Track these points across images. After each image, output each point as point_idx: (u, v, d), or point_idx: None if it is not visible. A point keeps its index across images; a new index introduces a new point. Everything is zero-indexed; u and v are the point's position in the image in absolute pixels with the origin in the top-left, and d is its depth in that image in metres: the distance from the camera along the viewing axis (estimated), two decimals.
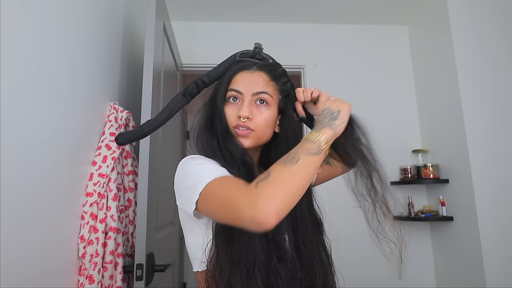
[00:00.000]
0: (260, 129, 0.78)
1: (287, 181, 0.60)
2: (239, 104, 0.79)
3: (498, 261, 1.78)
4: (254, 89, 0.78)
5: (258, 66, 0.82)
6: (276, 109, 0.82)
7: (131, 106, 1.52)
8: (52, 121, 0.92)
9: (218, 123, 0.79)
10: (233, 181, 0.67)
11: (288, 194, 0.58)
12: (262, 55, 0.88)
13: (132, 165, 1.37)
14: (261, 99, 0.79)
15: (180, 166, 0.75)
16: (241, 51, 0.88)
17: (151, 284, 1.22)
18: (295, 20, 2.45)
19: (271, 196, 0.57)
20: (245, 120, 0.76)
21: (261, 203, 0.56)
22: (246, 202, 0.57)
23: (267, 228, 0.56)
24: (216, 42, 2.41)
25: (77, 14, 1.09)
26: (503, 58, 2.01)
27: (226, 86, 0.81)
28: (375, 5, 2.30)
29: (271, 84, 0.81)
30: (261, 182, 0.59)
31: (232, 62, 0.86)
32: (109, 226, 1.13)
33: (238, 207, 0.59)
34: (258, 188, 0.58)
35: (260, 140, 0.80)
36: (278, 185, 0.58)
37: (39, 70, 0.86)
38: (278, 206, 0.56)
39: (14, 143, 0.75)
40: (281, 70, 0.85)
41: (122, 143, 0.87)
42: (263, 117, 0.78)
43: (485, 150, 1.90)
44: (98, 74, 1.25)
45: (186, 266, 3.42)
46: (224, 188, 0.65)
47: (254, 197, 0.57)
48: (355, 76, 2.45)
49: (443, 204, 2.08)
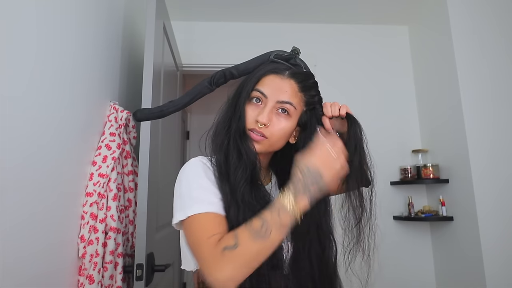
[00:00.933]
0: (274, 138, 0.75)
1: (253, 258, 0.61)
2: (260, 108, 0.75)
3: (498, 261, 1.78)
4: (280, 96, 0.75)
5: (291, 73, 0.78)
6: (296, 121, 0.78)
7: (131, 106, 1.52)
8: (52, 121, 0.92)
9: (235, 121, 0.76)
10: (209, 228, 0.65)
11: (250, 269, 0.61)
12: (297, 61, 0.83)
13: (132, 165, 1.37)
14: (284, 109, 0.75)
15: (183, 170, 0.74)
16: (276, 51, 0.84)
17: (151, 284, 1.21)
18: (295, 20, 2.45)
19: (233, 272, 0.59)
20: (262, 126, 0.74)
21: (222, 277, 0.59)
22: (209, 268, 0.60)
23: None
24: (216, 42, 2.41)
25: (77, 14, 1.09)
26: (503, 58, 2.01)
27: (253, 85, 0.77)
28: (375, 5, 2.29)
29: (299, 96, 0.77)
30: (228, 251, 0.60)
31: (265, 60, 0.83)
32: (109, 226, 1.13)
33: (203, 266, 0.62)
34: (224, 258, 0.59)
35: (271, 148, 0.78)
36: (244, 261, 0.60)
37: (39, 71, 0.86)
38: (237, 280, 0.60)
39: (14, 144, 0.75)
40: (312, 82, 0.82)
41: (139, 119, 0.86)
42: (281, 127, 0.75)
43: (485, 150, 1.90)
44: (98, 74, 1.25)
45: None
46: (198, 233, 0.65)
47: (216, 267, 0.59)
48: (355, 76, 2.45)
49: (443, 204, 2.08)
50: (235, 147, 0.74)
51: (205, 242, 0.63)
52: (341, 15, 2.42)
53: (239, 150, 0.74)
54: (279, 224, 0.61)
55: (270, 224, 0.61)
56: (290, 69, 0.79)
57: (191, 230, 0.67)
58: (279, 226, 0.61)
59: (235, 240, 0.61)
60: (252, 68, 0.82)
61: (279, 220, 0.61)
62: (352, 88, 2.40)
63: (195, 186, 0.71)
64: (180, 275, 3.16)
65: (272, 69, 0.79)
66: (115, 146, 1.22)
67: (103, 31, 1.31)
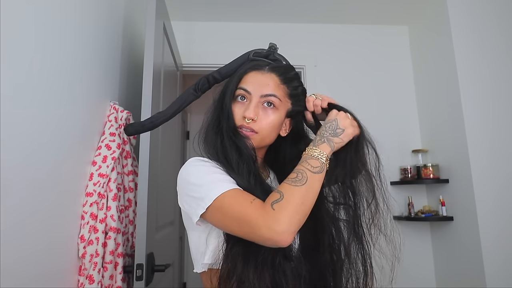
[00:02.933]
0: (264, 132, 0.77)
1: (301, 203, 0.63)
2: (246, 104, 0.78)
3: (498, 261, 1.78)
4: (263, 90, 0.77)
5: (271, 67, 0.81)
6: (284, 113, 0.80)
7: (131, 106, 1.51)
8: (52, 122, 0.92)
9: (225, 121, 0.78)
10: (245, 197, 0.66)
11: (302, 214, 0.63)
12: (276, 56, 0.86)
13: (132, 165, 1.37)
14: (269, 102, 0.78)
15: (185, 170, 0.74)
16: (255, 50, 0.86)
17: (151, 284, 1.21)
18: (295, 20, 2.44)
19: (289, 219, 0.60)
20: (249, 121, 0.76)
21: (280, 227, 0.60)
22: (264, 224, 0.60)
23: (285, 246, 0.62)
24: (216, 42, 2.41)
25: (77, 14, 1.09)
26: (503, 58, 2.01)
27: (235, 84, 0.80)
28: (375, 5, 2.29)
29: (281, 88, 0.79)
30: (276, 204, 0.62)
31: (245, 60, 0.85)
32: (109, 226, 1.13)
33: (255, 227, 0.61)
34: (276, 211, 0.61)
35: (262, 142, 0.79)
36: (294, 207, 0.62)
37: (39, 71, 0.86)
38: (295, 227, 0.61)
39: (14, 144, 0.75)
40: (294, 74, 0.84)
41: (131, 133, 0.88)
42: (269, 120, 0.77)
43: (485, 150, 1.90)
44: (98, 74, 1.25)
45: (186, 266, 3.43)
46: (237, 204, 0.65)
47: (272, 220, 0.60)
48: (355, 76, 2.45)
49: (443, 204, 2.08)
50: (233, 145, 0.75)
51: (249, 206, 0.64)
52: (341, 15, 2.42)
53: (237, 147, 0.75)
54: (311, 168, 0.67)
55: (303, 170, 0.67)
56: (269, 64, 0.82)
57: (226, 208, 0.65)
58: (311, 172, 0.67)
59: (279, 193, 0.64)
60: (234, 69, 0.85)
61: (310, 166, 0.68)
62: (352, 88, 2.40)
63: (208, 173, 0.71)
64: (180, 275, 3.16)
65: (252, 66, 0.81)
66: (115, 146, 1.22)
67: (103, 31, 1.31)
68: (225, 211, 0.65)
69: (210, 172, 0.71)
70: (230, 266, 0.68)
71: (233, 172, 0.73)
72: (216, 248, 0.71)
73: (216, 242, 0.71)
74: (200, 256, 0.74)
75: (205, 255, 0.72)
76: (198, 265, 0.75)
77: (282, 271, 0.69)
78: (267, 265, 0.67)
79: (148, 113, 1.23)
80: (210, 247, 0.72)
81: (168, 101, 1.66)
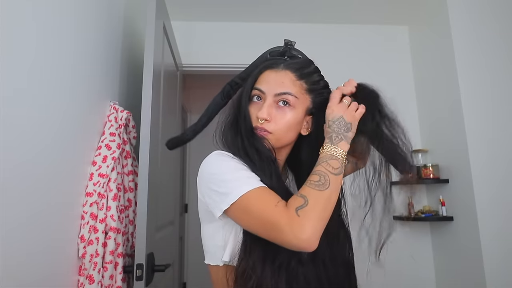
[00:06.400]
0: (279, 132, 0.75)
1: (325, 208, 0.63)
2: (261, 104, 0.76)
3: (498, 261, 1.78)
4: (277, 89, 0.75)
5: (286, 64, 0.78)
6: (303, 110, 0.77)
7: (131, 106, 1.51)
8: (52, 121, 0.92)
9: (242, 122, 0.77)
10: (270, 198, 0.65)
11: (326, 220, 0.63)
12: (293, 52, 0.83)
13: (132, 165, 1.37)
14: (284, 100, 0.75)
15: (209, 162, 0.72)
16: (271, 49, 0.85)
17: (151, 284, 1.21)
18: (295, 20, 2.44)
19: (314, 226, 0.60)
20: (262, 121, 0.74)
21: (305, 235, 0.59)
22: (290, 231, 0.60)
23: (310, 251, 0.61)
24: (216, 42, 2.41)
25: (77, 14, 1.09)
26: (503, 58, 2.01)
27: (251, 85, 0.78)
28: (375, 5, 2.30)
29: (298, 84, 0.76)
30: (300, 210, 0.61)
31: (263, 60, 0.83)
32: (109, 226, 1.13)
33: (282, 233, 0.61)
34: (301, 218, 0.60)
35: (279, 142, 0.77)
36: (318, 214, 0.62)
37: (39, 71, 0.86)
38: (319, 233, 0.61)
39: (15, 144, 0.75)
40: (312, 68, 0.81)
41: (171, 148, 0.90)
42: (284, 120, 0.75)
43: (485, 150, 1.90)
44: (98, 74, 1.25)
45: (186, 266, 3.43)
46: (261, 206, 0.64)
47: (298, 227, 0.60)
48: (355, 76, 2.42)
49: (443, 204, 2.08)
50: (252, 146, 0.74)
51: (274, 209, 0.62)
52: (341, 15, 2.42)
53: (256, 148, 0.74)
54: (333, 170, 0.67)
55: (326, 173, 0.66)
56: (285, 62, 0.80)
57: (249, 208, 0.64)
58: (333, 173, 0.66)
59: (303, 198, 0.63)
60: (251, 71, 0.84)
61: (331, 167, 0.67)
62: None
63: (234, 169, 0.70)
64: (180, 275, 3.16)
65: (267, 66, 0.80)
66: (115, 146, 1.22)
67: (103, 31, 1.31)
68: (250, 211, 0.64)
69: (236, 168, 0.70)
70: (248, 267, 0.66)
71: (256, 169, 0.71)
72: (235, 245, 0.70)
73: (234, 239, 0.70)
74: (217, 249, 0.73)
75: (224, 250, 0.71)
76: (213, 258, 0.73)
77: (295, 275, 0.68)
78: (283, 268, 0.67)
79: (148, 113, 1.24)
80: (229, 244, 0.71)
81: (168, 101, 1.66)
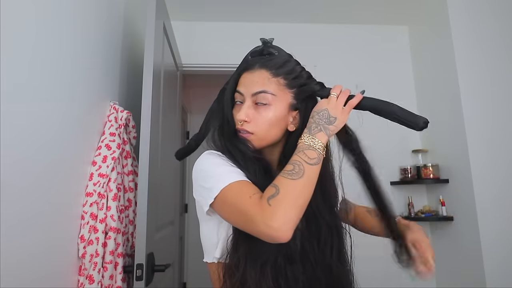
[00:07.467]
0: (260, 131, 0.75)
1: (297, 197, 0.62)
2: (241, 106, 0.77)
3: (498, 261, 1.78)
4: (253, 89, 0.75)
5: (260, 64, 0.78)
6: (285, 107, 0.76)
7: (131, 106, 1.51)
8: (52, 121, 0.92)
9: (226, 126, 0.78)
10: (247, 190, 0.65)
11: (299, 208, 0.62)
12: (270, 50, 0.83)
13: (132, 165, 1.37)
14: (261, 99, 0.75)
15: (199, 161, 0.74)
16: (251, 50, 0.85)
17: (151, 284, 1.21)
18: (295, 20, 2.45)
19: (285, 215, 0.59)
20: (241, 123, 0.75)
21: (276, 223, 0.58)
22: (261, 220, 0.59)
23: (284, 241, 0.60)
24: (216, 42, 2.41)
25: (77, 14, 1.09)
26: (503, 58, 2.01)
27: (231, 89, 0.80)
28: (375, 5, 2.30)
29: (274, 81, 0.76)
30: (272, 199, 0.60)
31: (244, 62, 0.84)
32: (109, 226, 1.13)
33: (253, 223, 0.61)
34: (271, 207, 0.59)
35: (264, 141, 0.77)
36: (290, 202, 0.60)
37: (39, 70, 0.86)
38: (291, 223, 0.60)
39: (14, 144, 0.75)
40: (290, 63, 0.80)
41: (180, 158, 0.91)
42: (264, 119, 0.75)
43: (485, 150, 1.90)
44: (98, 74, 1.25)
45: (186, 266, 3.43)
46: (237, 197, 0.65)
47: (268, 216, 0.59)
48: (355, 76, 2.44)
49: (443, 204, 2.08)
50: (235, 148, 0.75)
51: (248, 201, 0.63)
52: (341, 15, 2.42)
53: (239, 149, 0.75)
54: (308, 160, 0.65)
55: (300, 162, 0.65)
56: (260, 61, 0.79)
57: (228, 200, 0.65)
58: (309, 163, 0.65)
59: (275, 188, 0.62)
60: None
61: (307, 157, 0.66)
62: (351, 88, 2.39)
63: (219, 165, 0.71)
64: (180, 275, 3.16)
65: (244, 68, 0.80)
66: (115, 146, 1.22)
67: (103, 31, 1.31)
68: (228, 203, 0.66)
69: (220, 164, 0.72)
70: (234, 263, 0.68)
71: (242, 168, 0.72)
72: (225, 242, 0.71)
73: (225, 235, 0.72)
74: (212, 247, 0.75)
75: (216, 247, 0.73)
76: (210, 255, 0.75)
77: (283, 273, 0.68)
78: (269, 265, 0.67)
79: (148, 113, 1.24)
80: (221, 240, 0.72)
81: (168, 101, 1.66)
